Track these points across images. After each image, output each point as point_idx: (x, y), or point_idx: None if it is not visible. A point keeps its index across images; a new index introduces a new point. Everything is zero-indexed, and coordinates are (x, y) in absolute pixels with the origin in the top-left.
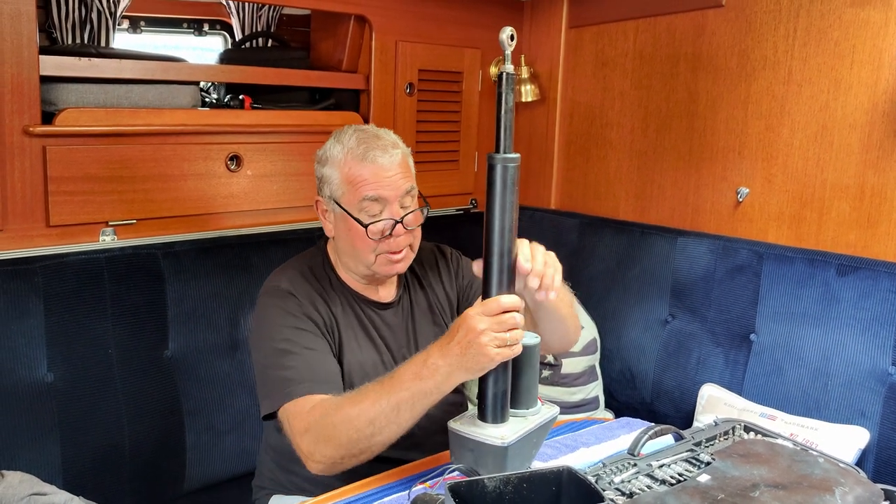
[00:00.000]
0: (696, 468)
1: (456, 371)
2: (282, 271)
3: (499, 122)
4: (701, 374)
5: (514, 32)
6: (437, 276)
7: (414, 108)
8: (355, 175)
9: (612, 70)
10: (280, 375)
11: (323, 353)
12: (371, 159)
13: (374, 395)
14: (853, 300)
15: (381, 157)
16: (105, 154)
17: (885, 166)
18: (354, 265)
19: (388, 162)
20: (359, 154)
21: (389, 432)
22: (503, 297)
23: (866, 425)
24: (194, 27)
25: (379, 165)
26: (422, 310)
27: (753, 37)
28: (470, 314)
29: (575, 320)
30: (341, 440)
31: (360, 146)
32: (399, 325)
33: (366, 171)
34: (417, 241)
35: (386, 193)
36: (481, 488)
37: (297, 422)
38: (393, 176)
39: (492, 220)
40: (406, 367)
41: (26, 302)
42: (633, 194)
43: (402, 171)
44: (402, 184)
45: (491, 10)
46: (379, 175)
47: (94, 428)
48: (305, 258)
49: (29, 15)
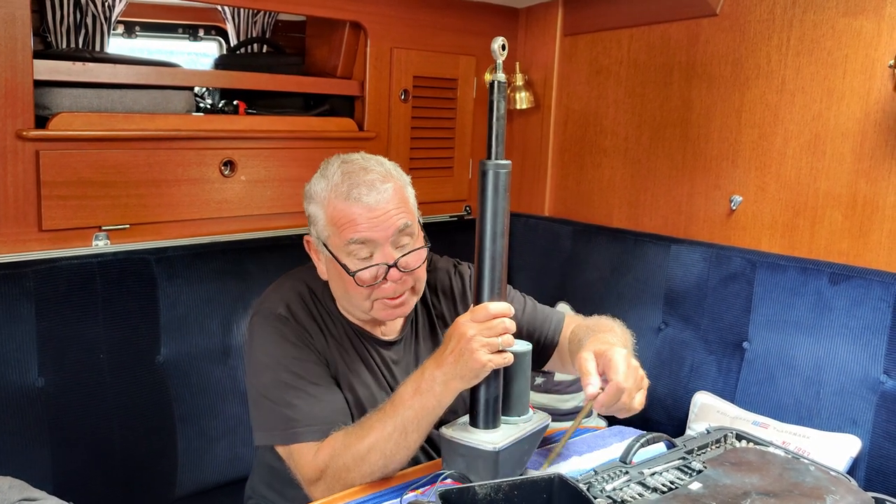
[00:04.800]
0: (688, 476)
1: (452, 380)
2: (278, 293)
3: (490, 129)
4: (694, 381)
5: (505, 42)
6: (452, 304)
7: (409, 115)
8: (339, 216)
9: (607, 78)
10: (284, 413)
11: (327, 386)
12: (355, 198)
13: (380, 425)
14: (845, 309)
15: (367, 195)
16: (98, 158)
17: (878, 175)
18: (352, 311)
19: (376, 200)
20: (343, 192)
21: (401, 457)
22: (492, 303)
23: (858, 433)
24: (189, 32)
25: (364, 205)
26: (427, 349)
27: (747, 46)
28: (460, 322)
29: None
30: (356, 480)
31: (344, 182)
32: (400, 364)
33: (350, 211)
34: (421, 282)
35: (374, 235)
36: (472, 495)
37: (306, 470)
38: (381, 215)
39: (483, 226)
40: (405, 386)
41: (18, 306)
42: (626, 202)
43: (395, 206)
44: (395, 222)
45: (486, 18)
46: (364, 215)
47: (85, 433)
48: (302, 278)
49: (23, 19)
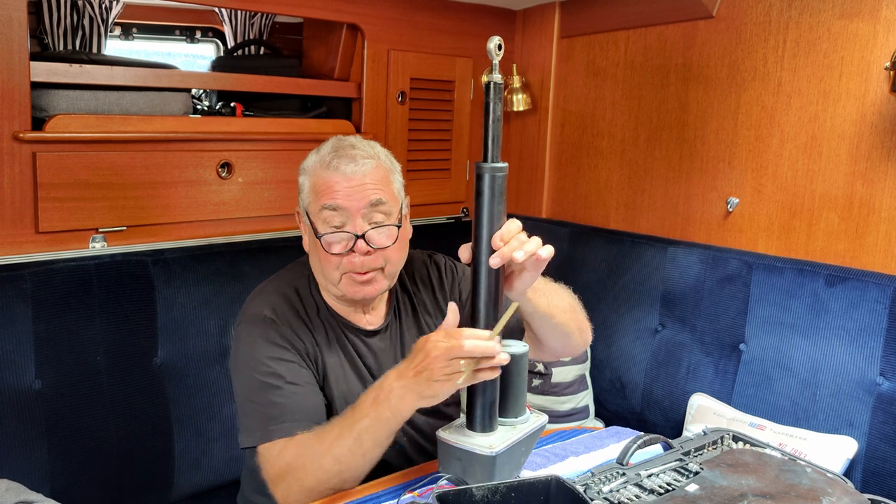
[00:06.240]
0: (685, 478)
1: (408, 394)
2: (264, 295)
3: (486, 131)
4: (691, 383)
5: (501, 42)
6: (431, 292)
7: (406, 117)
8: (319, 182)
9: (604, 80)
10: (263, 412)
11: (307, 386)
12: (334, 167)
13: (338, 429)
14: (842, 310)
15: (347, 165)
16: (95, 160)
17: (874, 177)
18: (325, 284)
19: (353, 170)
20: (326, 161)
21: (357, 467)
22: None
23: (854, 435)
24: (186, 34)
25: (342, 174)
26: (412, 335)
27: (743, 48)
28: (431, 339)
29: (576, 323)
30: (312, 486)
31: (330, 154)
32: (387, 353)
33: (329, 178)
34: (394, 265)
35: (346, 204)
36: (469, 497)
37: (270, 467)
38: (357, 185)
39: (480, 230)
40: (367, 393)
41: (14, 308)
42: (623, 204)
43: (373, 181)
44: (369, 194)
45: (483, 20)
46: (340, 183)
47: (82, 435)
48: (290, 277)
49: (20, 21)
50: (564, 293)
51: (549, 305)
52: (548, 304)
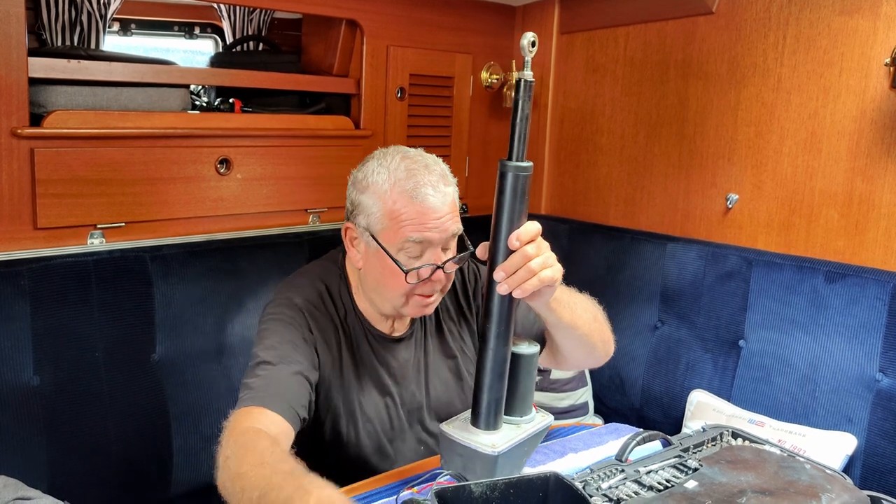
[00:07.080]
0: (684, 474)
1: None
2: (298, 285)
3: (514, 128)
4: (690, 380)
5: (535, 38)
6: (454, 297)
7: (405, 113)
8: (401, 212)
9: (603, 76)
10: (245, 382)
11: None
12: (422, 198)
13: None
14: (841, 307)
15: (433, 196)
16: (94, 157)
17: (874, 174)
18: (380, 302)
19: (440, 202)
20: (408, 189)
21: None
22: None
23: (854, 432)
24: (185, 30)
25: (430, 206)
26: (435, 342)
27: (743, 44)
28: None
29: (599, 335)
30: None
31: (409, 179)
32: (410, 360)
33: (414, 209)
34: (450, 283)
35: (432, 237)
36: (468, 494)
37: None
38: (442, 218)
39: (499, 231)
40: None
41: (12, 305)
42: (623, 200)
43: (452, 211)
44: (451, 226)
45: (483, 16)
46: (428, 216)
47: (80, 432)
48: (322, 273)
49: (18, 16)
50: (588, 304)
51: (573, 317)
52: (571, 315)
